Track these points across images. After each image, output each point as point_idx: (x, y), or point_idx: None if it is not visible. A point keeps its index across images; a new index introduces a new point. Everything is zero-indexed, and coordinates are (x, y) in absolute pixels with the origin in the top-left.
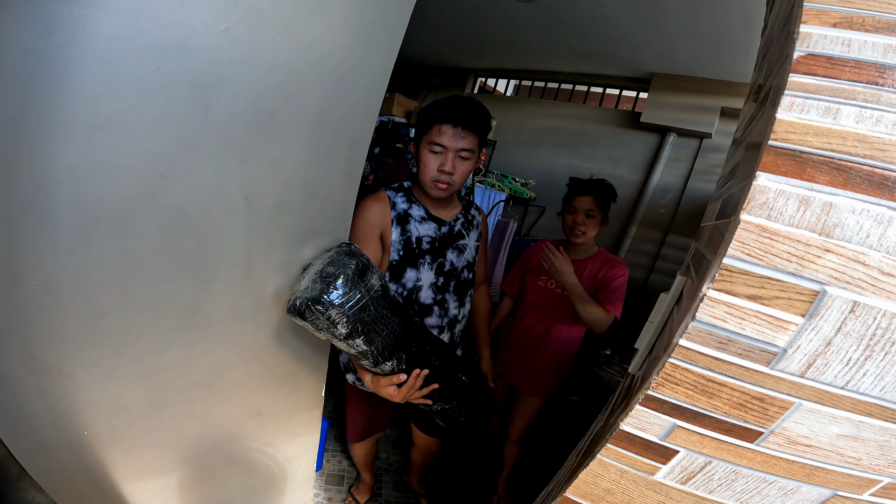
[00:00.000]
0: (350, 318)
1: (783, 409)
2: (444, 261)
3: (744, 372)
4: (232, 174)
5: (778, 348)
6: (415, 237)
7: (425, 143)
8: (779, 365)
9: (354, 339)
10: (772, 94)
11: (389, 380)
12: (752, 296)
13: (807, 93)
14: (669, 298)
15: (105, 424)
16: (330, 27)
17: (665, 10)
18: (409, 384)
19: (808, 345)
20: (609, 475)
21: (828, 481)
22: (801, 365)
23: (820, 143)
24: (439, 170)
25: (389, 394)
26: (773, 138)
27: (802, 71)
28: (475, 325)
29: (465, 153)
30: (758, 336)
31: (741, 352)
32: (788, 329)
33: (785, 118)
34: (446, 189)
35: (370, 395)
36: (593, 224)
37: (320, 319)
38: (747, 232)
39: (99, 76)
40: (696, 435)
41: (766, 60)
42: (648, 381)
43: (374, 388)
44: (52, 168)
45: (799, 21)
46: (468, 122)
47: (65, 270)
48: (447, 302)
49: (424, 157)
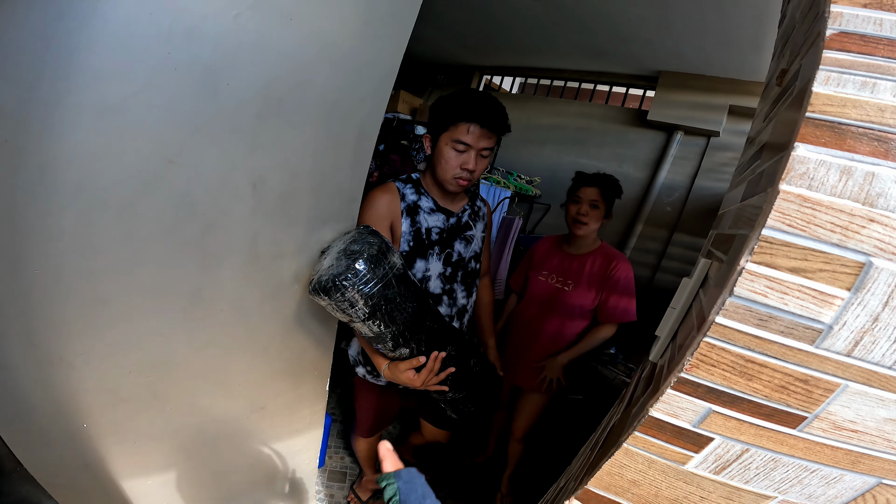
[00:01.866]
0: (374, 296)
1: (829, 392)
2: (452, 251)
3: (786, 351)
4: (240, 161)
5: (823, 325)
6: (424, 228)
7: (447, 139)
8: (824, 343)
9: (376, 319)
10: (802, 73)
11: (409, 363)
12: (794, 268)
13: (842, 68)
14: (693, 282)
15: (105, 416)
16: (340, 16)
17: (674, 8)
18: (429, 367)
19: (855, 321)
20: (636, 465)
21: (873, 469)
22: (847, 343)
23: (859, 115)
24: (462, 167)
25: (408, 378)
26: (811, 111)
27: (836, 47)
28: (479, 316)
29: (485, 152)
30: (801, 312)
31: (783, 329)
32: (834, 304)
33: (822, 91)
34: (465, 186)
35: (380, 389)
36: (596, 216)
37: (345, 296)
38: (787, 202)
39: (109, 60)
40: (733, 421)
41: (787, 47)
42: (682, 363)
43: (391, 376)
44: (58, 151)
45: (829, 1)
46: (494, 124)
47: (68, 254)
48: (455, 291)
49: (446, 154)
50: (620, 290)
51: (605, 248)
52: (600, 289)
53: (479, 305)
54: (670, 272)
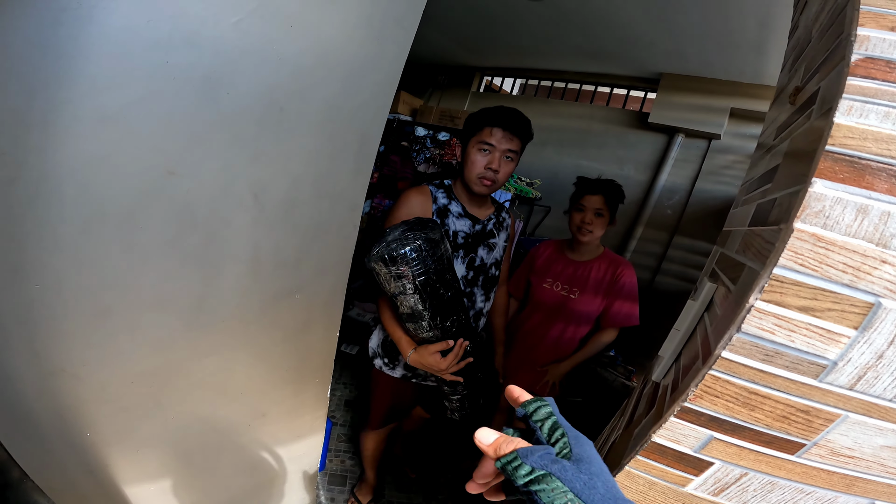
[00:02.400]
0: (425, 274)
1: (828, 422)
2: (476, 256)
3: (790, 384)
4: (241, 169)
5: (828, 361)
6: (451, 231)
7: (474, 142)
8: (828, 378)
9: (422, 295)
10: (821, 97)
11: (437, 346)
12: (803, 307)
13: (865, 97)
14: (698, 306)
15: (108, 425)
16: (342, 21)
17: (676, 10)
18: (455, 351)
19: (860, 358)
20: (636, 487)
21: (867, 491)
22: (850, 378)
23: (879, 149)
24: (486, 167)
25: (435, 361)
26: (831, 143)
27: (861, 74)
28: (493, 322)
29: (510, 154)
30: (807, 349)
31: (788, 364)
32: (840, 342)
33: (843, 122)
34: (490, 186)
35: (395, 382)
36: (601, 223)
37: (401, 268)
38: (801, 241)
39: (107, 68)
40: (733, 447)
41: (801, 62)
42: (686, 393)
43: (416, 359)
44: (56, 162)
45: (856, 24)
46: (515, 128)
47: (68, 267)
48: (475, 295)
49: (473, 156)
50: (625, 295)
51: (609, 254)
52: (606, 295)
53: (494, 312)
54: (671, 275)
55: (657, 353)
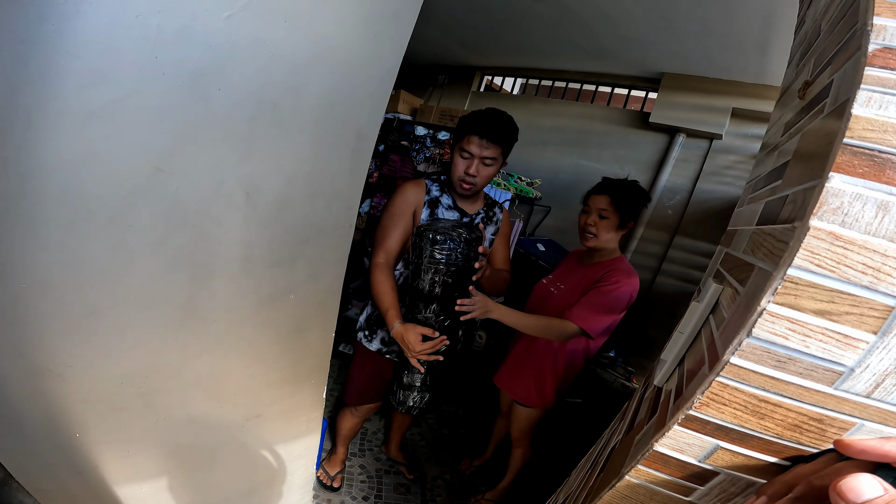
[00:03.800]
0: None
1: (843, 430)
2: None
3: (803, 392)
4: (232, 168)
5: (844, 367)
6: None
7: (458, 148)
8: (844, 385)
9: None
10: (836, 89)
11: (424, 330)
12: (819, 311)
13: (885, 88)
14: (703, 308)
15: (98, 426)
16: (337, 16)
17: (678, 9)
18: (434, 343)
19: (879, 364)
20: (637, 497)
21: None
22: (868, 385)
23: None
24: (465, 172)
25: (415, 341)
26: (849, 136)
27: (879, 65)
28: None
29: (488, 160)
30: (823, 354)
31: (802, 371)
32: (858, 347)
33: (862, 114)
34: (469, 189)
35: (375, 357)
36: (606, 226)
37: (443, 250)
38: (817, 240)
39: (94, 64)
40: (741, 457)
41: (809, 56)
42: (691, 401)
43: (401, 331)
44: (41, 159)
45: (872, 13)
46: (493, 136)
47: (55, 266)
48: None
49: (456, 160)
50: (598, 298)
51: (619, 262)
52: (584, 292)
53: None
54: (671, 276)
55: (659, 357)
